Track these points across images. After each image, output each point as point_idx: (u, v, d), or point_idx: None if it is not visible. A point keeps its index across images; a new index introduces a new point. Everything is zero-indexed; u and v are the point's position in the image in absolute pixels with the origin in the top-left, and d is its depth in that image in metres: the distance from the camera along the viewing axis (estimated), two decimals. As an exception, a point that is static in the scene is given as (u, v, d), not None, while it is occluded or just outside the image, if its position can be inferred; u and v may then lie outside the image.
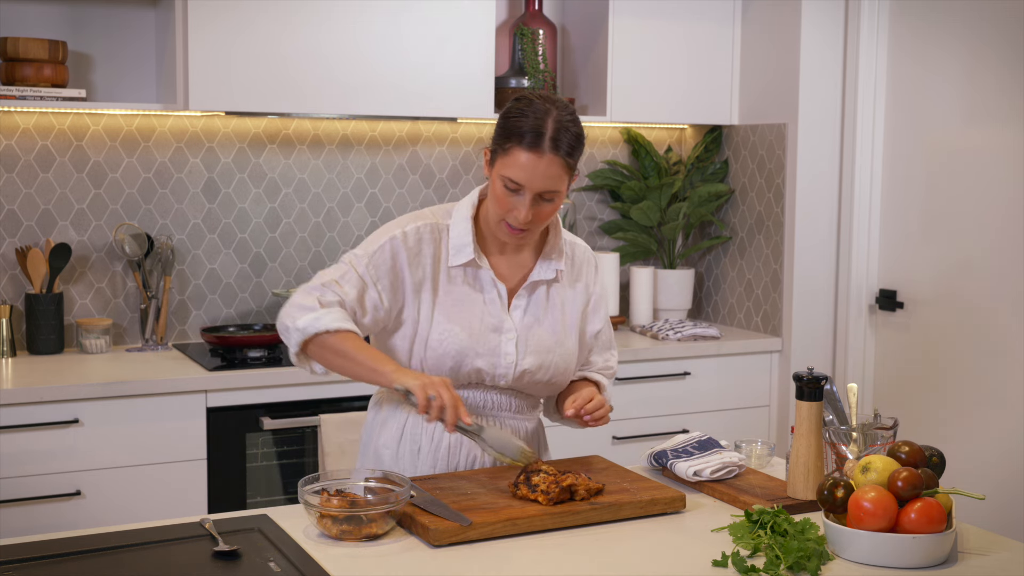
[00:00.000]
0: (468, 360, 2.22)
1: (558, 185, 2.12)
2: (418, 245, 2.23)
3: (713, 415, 3.91)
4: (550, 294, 2.30)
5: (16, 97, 3.29)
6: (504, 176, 2.12)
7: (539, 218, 2.16)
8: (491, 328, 2.24)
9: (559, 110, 2.13)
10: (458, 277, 2.24)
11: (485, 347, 2.23)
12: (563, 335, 2.30)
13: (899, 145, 3.86)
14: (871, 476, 1.87)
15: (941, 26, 3.69)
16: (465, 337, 2.21)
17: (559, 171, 2.11)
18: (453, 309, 2.22)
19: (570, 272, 2.34)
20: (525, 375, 2.26)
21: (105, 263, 3.66)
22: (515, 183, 2.11)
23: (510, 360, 2.24)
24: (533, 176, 2.10)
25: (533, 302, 2.29)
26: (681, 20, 4.06)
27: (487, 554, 1.88)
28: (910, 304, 3.85)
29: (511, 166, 2.11)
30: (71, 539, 1.90)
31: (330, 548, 1.88)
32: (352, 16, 3.53)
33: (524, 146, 2.09)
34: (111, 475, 3.13)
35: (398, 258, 2.21)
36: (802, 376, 2.13)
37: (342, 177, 3.94)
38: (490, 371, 2.24)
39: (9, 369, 3.30)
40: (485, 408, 2.29)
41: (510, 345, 2.24)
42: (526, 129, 2.10)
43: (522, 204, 2.13)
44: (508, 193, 2.13)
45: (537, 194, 2.12)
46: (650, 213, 4.17)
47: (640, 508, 2.06)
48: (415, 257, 2.22)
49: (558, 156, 2.10)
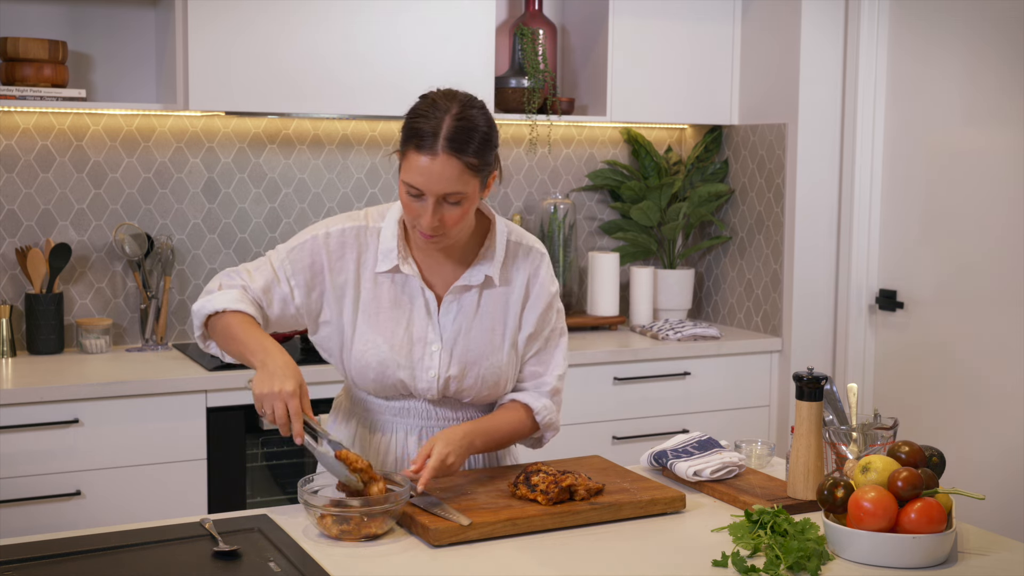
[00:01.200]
0: (390, 372, 2.15)
1: (459, 187, 2.00)
2: (341, 248, 2.16)
3: (713, 415, 3.91)
4: (481, 300, 2.19)
5: (16, 97, 3.29)
6: (405, 182, 2.03)
7: (448, 223, 2.04)
8: (415, 339, 2.16)
9: (460, 106, 2.02)
10: (384, 283, 2.17)
11: (407, 359, 2.15)
12: (494, 344, 2.19)
13: (899, 145, 3.86)
14: (871, 476, 1.87)
15: (941, 26, 3.69)
16: (387, 349, 2.14)
17: (457, 172, 1.99)
18: (377, 318, 2.15)
19: (506, 274, 2.21)
20: (450, 387, 2.18)
21: (105, 263, 3.66)
22: (414, 188, 2.01)
23: (432, 374, 2.16)
24: (429, 179, 1.99)
25: (463, 309, 2.18)
26: (681, 20, 4.06)
27: (487, 554, 1.88)
28: (910, 304, 3.85)
29: (408, 170, 2.02)
30: (71, 539, 1.90)
31: (330, 548, 1.88)
32: (352, 16, 3.53)
33: (418, 149, 1.99)
34: (111, 475, 3.13)
35: (318, 257, 2.16)
36: (802, 376, 2.13)
37: (342, 177, 3.94)
38: (412, 383, 2.17)
39: (9, 369, 3.30)
40: (429, 420, 2.22)
41: (433, 358, 2.16)
42: (423, 131, 2.00)
43: (425, 209, 2.02)
44: (411, 199, 2.03)
45: (439, 197, 2.01)
46: (650, 213, 4.17)
47: (640, 508, 2.06)
48: (337, 261, 2.16)
49: (454, 156, 1.98)
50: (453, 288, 2.17)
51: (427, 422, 2.23)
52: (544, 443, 2.34)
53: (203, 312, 2.13)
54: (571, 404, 3.69)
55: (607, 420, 3.75)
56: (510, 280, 2.21)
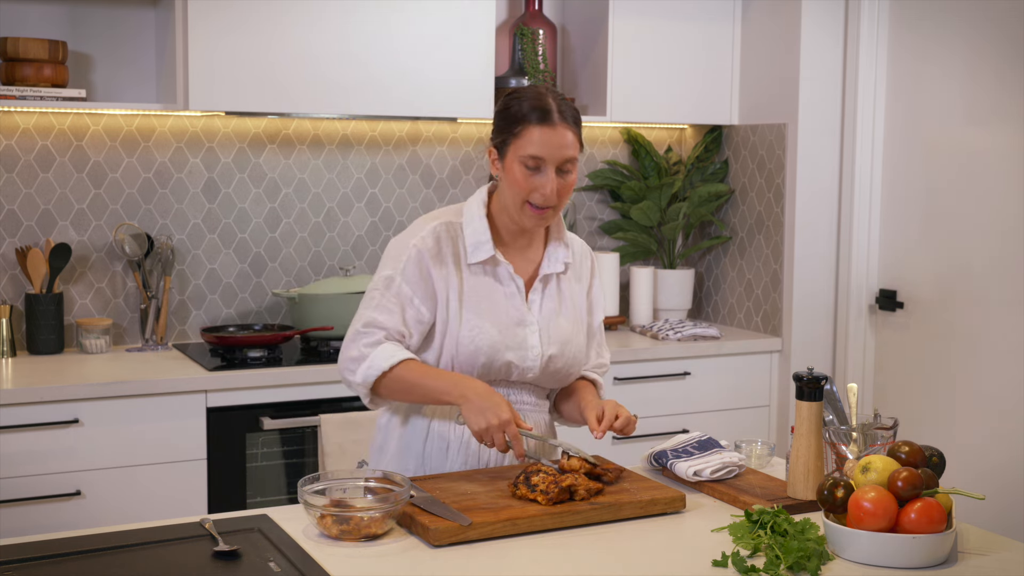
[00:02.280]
0: (499, 355, 2.25)
1: (573, 153, 2.20)
2: (437, 245, 2.26)
3: (713, 415, 3.91)
4: (561, 287, 2.35)
5: (16, 97, 3.29)
6: (523, 156, 2.18)
7: (563, 191, 2.21)
8: (515, 322, 2.27)
9: (550, 90, 2.24)
10: (479, 273, 2.28)
11: (513, 340, 2.26)
12: (577, 327, 2.35)
13: (899, 145, 3.86)
14: (871, 476, 1.87)
15: (941, 26, 3.69)
16: (495, 332, 2.24)
17: (572, 139, 2.19)
18: (480, 305, 2.25)
19: (574, 265, 2.38)
20: (550, 366, 2.29)
21: (105, 263, 3.66)
22: (536, 158, 2.17)
23: (536, 352, 2.27)
24: (552, 147, 2.17)
25: (547, 295, 2.33)
26: (681, 20, 4.06)
27: (487, 554, 1.88)
28: (910, 304, 3.84)
29: (528, 145, 2.17)
30: (71, 539, 1.90)
31: (330, 548, 1.88)
32: (352, 16, 3.53)
33: (535, 123, 2.17)
34: (111, 475, 3.13)
35: (423, 263, 2.24)
36: (802, 376, 2.13)
37: (342, 177, 3.94)
38: (519, 364, 2.27)
39: (9, 369, 3.30)
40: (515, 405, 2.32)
41: (535, 337, 2.28)
42: (531, 109, 2.18)
43: (546, 179, 2.18)
44: (529, 173, 2.18)
45: (558, 166, 2.18)
46: (650, 213, 4.17)
47: (640, 508, 2.06)
48: (437, 256, 2.25)
49: (568, 125, 2.19)
50: (541, 277, 2.32)
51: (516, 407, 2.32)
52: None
53: (370, 379, 2.20)
54: (571, 404, 3.69)
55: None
56: (578, 270, 2.40)
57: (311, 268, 3.92)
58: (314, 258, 3.92)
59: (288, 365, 3.39)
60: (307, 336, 3.61)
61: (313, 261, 3.92)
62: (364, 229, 3.97)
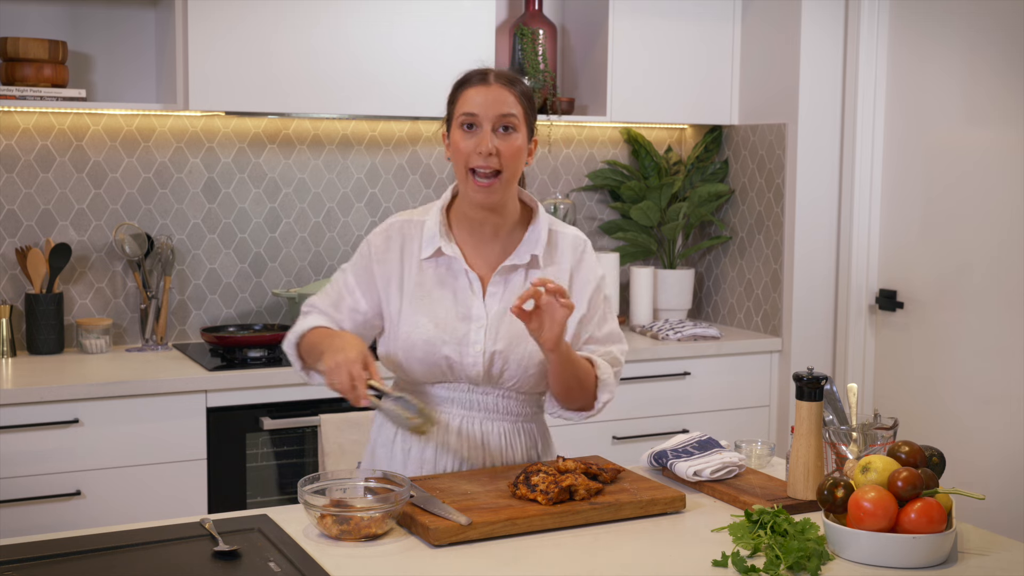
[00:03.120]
0: (435, 349, 2.20)
1: (513, 109, 2.17)
2: (385, 243, 2.27)
3: (713, 415, 3.91)
4: (528, 280, 2.25)
5: (16, 97, 3.29)
6: (459, 116, 2.18)
7: (505, 153, 2.16)
8: (460, 317, 2.21)
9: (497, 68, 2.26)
10: (428, 270, 2.24)
11: (452, 336, 2.20)
12: None
13: (899, 145, 3.86)
14: (871, 476, 1.87)
15: (941, 25, 3.69)
16: (432, 327, 2.20)
17: (511, 98, 2.17)
18: (421, 302, 2.23)
19: (548, 257, 2.28)
20: (495, 364, 2.21)
21: (105, 263, 3.66)
22: (470, 114, 2.17)
23: (478, 348, 2.20)
24: (485, 103, 2.16)
25: (509, 289, 2.24)
26: (681, 20, 4.06)
27: (487, 554, 1.88)
28: (910, 304, 3.85)
29: (463, 104, 2.18)
30: (71, 539, 1.90)
31: (330, 548, 1.88)
32: (352, 16, 3.53)
33: (471, 84, 2.19)
34: (111, 475, 3.13)
35: (368, 260, 2.28)
36: (802, 376, 2.13)
37: (342, 177, 3.94)
38: (459, 360, 2.21)
39: (9, 369, 3.30)
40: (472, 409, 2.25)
41: (479, 333, 2.21)
42: (468, 76, 2.21)
43: (483, 136, 2.15)
44: (467, 134, 2.17)
45: (496, 124, 2.16)
46: (650, 213, 4.17)
47: (640, 508, 2.06)
48: (383, 255, 2.26)
49: (505, 86, 2.18)
50: (501, 268, 2.24)
51: (468, 411, 2.26)
52: (595, 407, 2.28)
53: (289, 345, 2.26)
54: (571, 404, 3.69)
55: (607, 420, 3.75)
56: (556, 263, 2.28)
57: (311, 268, 3.92)
58: (314, 258, 3.92)
59: (288, 365, 3.39)
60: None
61: (313, 261, 3.92)
62: (364, 229, 3.97)
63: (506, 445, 2.29)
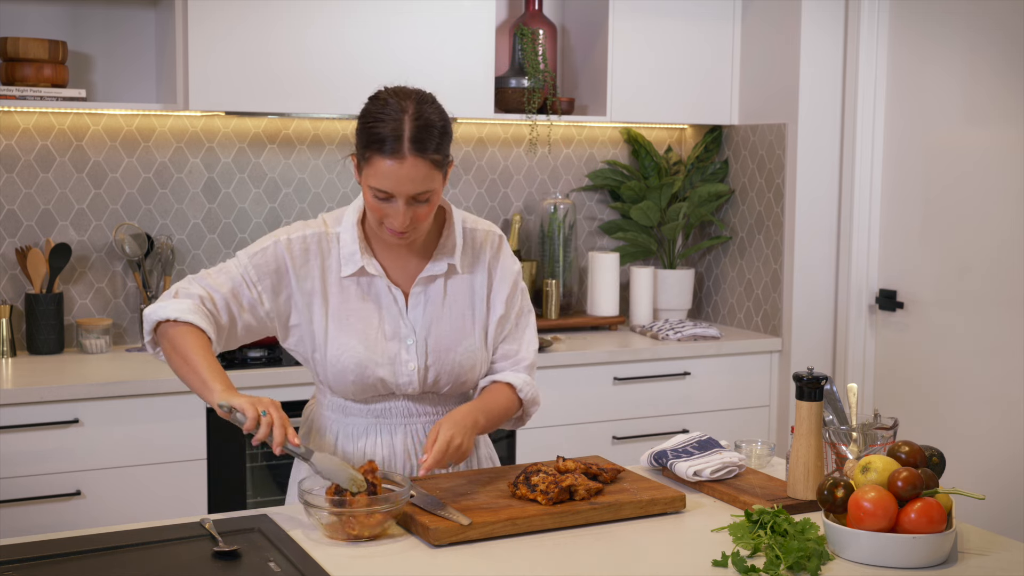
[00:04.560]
0: (369, 371, 2.15)
1: (428, 185, 2.04)
2: (305, 255, 2.16)
3: (713, 415, 3.91)
4: (447, 289, 2.22)
5: (16, 97, 3.29)
6: (372, 187, 2.04)
7: (417, 219, 2.07)
8: (388, 335, 2.17)
9: (416, 104, 2.04)
10: (351, 287, 2.17)
11: (384, 356, 2.16)
12: (465, 330, 2.22)
13: (899, 145, 3.86)
14: (871, 476, 1.87)
15: (941, 25, 3.69)
16: (362, 349, 2.15)
17: (426, 171, 2.02)
18: (347, 321, 2.16)
19: (467, 260, 2.24)
20: (429, 377, 2.19)
21: (105, 263, 3.66)
22: (383, 192, 2.03)
23: (411, 367, 2.17)
24: (399, 182, 2.01)
25: (430, 300, 2.20)
26: (681, 20, 4.06)
27: (487, 554, 1.88)
28: (910, 304, 3.85)
29: (375, 176, 2.03)
30: (71, 539, 1.90)
31: (330, 548, 1.88)
32: (352, 17, 3.53)
33: (384, 154, 2.01)
34: (111, 475, 3.13)
35: (282, 262, 2.15)
36: (802, 376, 2.13)
37: (342, 177, 3.94)
38: (393, 380, 2.17)
39: (9, 369, 3.30)
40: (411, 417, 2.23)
41: (410, 351, 2.17)
42: (384, 135, 2.01)
43: (396, 211, 2.05)
44: (379, 202, 2.05)
45: (410, 198, 2.04)
46: (650, 213, 4.17)
47: (640, 508, 2.06)
48: (302, 267, 2.16)
49: (421, 157, 2.01)
50: (419, 280, 2.19)
51: (409, 419, 2.23)
52: (527, 419, 2.33)
53: (153, 319, 2.10)
54: (571, 404, 3.69)
55: (607, 420, 3.75)
56: (473, 266, 2.24)
57: (311, 268, 3.91)
58: (314, 258, 3.92)
59: (288, 365, 3.39)
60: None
61: (313, 261, 3.92)
62: (364, 229, 3.97)
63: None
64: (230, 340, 2.18)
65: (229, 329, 2.15)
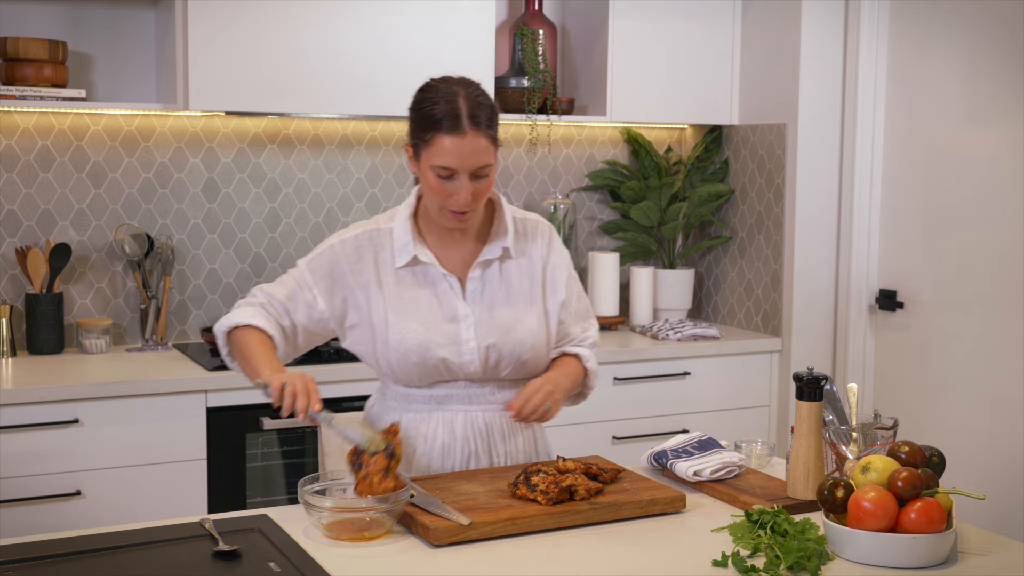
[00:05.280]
0: (431, 352, 2.21)
1: (488, 158, 2.15)
2: (358, 252, 2.26)
3: (713, 415, 3.91)
4: (503, 272, 2.29)
5: (16, 97, 3.29)
6: (435, 166, 2.14)
7: (478, 196, 2.17)
8: (447, 318, 2.24)
9: (466, 88, 2.18)
10: (406, 277, 2.26)
11: (445, 337, 2.22)
12: (522, 311, 2.28)
13: (899, 145, 3.86)
14: (871, 476, 1.87)
15: (941, 25, 3.69)
16: (423, 331, 2.22)
17: (485, 144, 2.14)
18: (406, 308, 2.23)
19: (520, 246, 2.32)
20: (491, 357, 2.24)
21: (105, 263, 3.66)
22: (447, 169, 2.13)
23: (472, 345, 2.23)
24: (463, 157, 2.12)
25: (487, 284, 2.28)
26: (681, 20, 4.06)
27: (487, 554, 1.88)
28: (910, 304, 3.84)
29: (438, 154, 2.13)
30: (71, 539, 1.90)
31: (330, 548, 1.89)
32: (352, 16, 3.53)
33: (445, 131, 2.12)
34: (111, 475, 3.13)
35: (336, 265, 2.25)
36: (802, 376, 2.13)
37: (342, 177, 3.94)
38: (456, 360, 2.23)
39: (9, 369, 3.30)
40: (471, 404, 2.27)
41: (469, 331, 2.23)
42: (441, 115, 2.13)
43: (460, 187, 2.15)
44: (442, 181, 2.15)
45: (471, 173, 2.14)
46: (650, 213, 4.17)
47: (640, 508, 2.06)
48: (356, 263, 2.25)
49: (480, 131, 2.13)
50: (476, 265, 2.27)
51: (469, 406, 2.28)
52: (587, 394, 2.42)
53: (221, 329, 2.24)
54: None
55: (607, 420, 3.75)
56: (527, 252, 2.32)
57: (311, 268, 3.91)
58: (314, 258, 3.92)
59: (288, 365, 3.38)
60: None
61: (313, 261, 3.92)
62: (364, 229, 3.97)
63: (508, 433, 2.32)
64: (294, 344, 2.29)
65: (291, 332, 2.27)
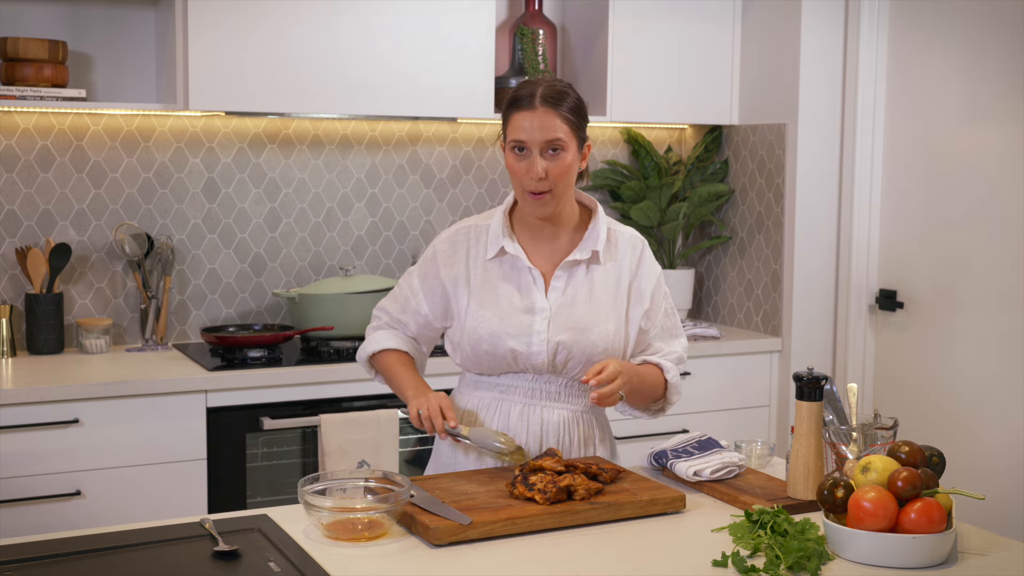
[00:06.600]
0: (501, 342, 2.28)
1: (559, 134, 2.22)
2: (452, 247, 2.38)
3: (713, 415, 3.91)
4: (590, 275, 2.35)
5: (16, 97, 3.29)
6: (510, 142, 2.26)
7: (555, 174, 2.23)
8: (523, 310, 2.30)
9: (550, 79, 2.29)
10: (494, 268, 2.34)
11: (516, 328, 2.29)
12: (602, 315, 2.32)
13: (899, 145, 3.86)
14: (871, 476, 1.87)
15: (941, 25, 3.69)
16: (496, 321, 2.29)
17: (556, 121, 2.22)
18: (487, 298, 2.32)
19: (611, 253, 2.38)
20: (559, 354, 2.29)
21: (105, 263, 3.66)
22: (519, 142, 2.23)
23: (542, 338, 2.28)
24: (532, 131, 2.22)
25: (572, 283, 2.34)
26: (681, 20, 4.06)
27: (487, 554, 1.88)
28: (910, 304, 3.85)
29: (513, 130, 2.25)
30: (71, 539, 1.90)
31: (330, 548, 1.89)
32: (353, 16, 3.53)
33: (519, 109, 2.24)
34: (111, 475, 3.13)
35: (434, 265, 2.38)
36: (802, 376, 2.13)
37: (342, 177, 3.94)
38: (524, 351, 2.29)
39: (9, 369, 3.30)
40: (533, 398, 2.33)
41: (542, 324, 2.29)
42: (516, 97, 2.26)
43: (531, 162, 2.23)
44: (518, 158, 2.25)
45: (544, 148, 2.22)
46: (650, 213, 4.17)
47: (640, 508, 2.06)
48: (450, 258, 2.37)
49: (550, 108, 2.22)
50: (563, 264, 2.33)
51: (530, 400, 2.34)
52: (667, 408, 2.43)
53: (363, 357, 2.46)
54: (571, 404, 3.68)
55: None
56: (617, 259, 2.38)
57: (311, 268, 3.92)
58: (314, 258, 3.92)
59: (288, 365, 3.39)
60: (307, 336, 3.61)
61: (313, 261, 3.92)
62: (364, 229, 3.97)
63: (563, 432, 2.35)
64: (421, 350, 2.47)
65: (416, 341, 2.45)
